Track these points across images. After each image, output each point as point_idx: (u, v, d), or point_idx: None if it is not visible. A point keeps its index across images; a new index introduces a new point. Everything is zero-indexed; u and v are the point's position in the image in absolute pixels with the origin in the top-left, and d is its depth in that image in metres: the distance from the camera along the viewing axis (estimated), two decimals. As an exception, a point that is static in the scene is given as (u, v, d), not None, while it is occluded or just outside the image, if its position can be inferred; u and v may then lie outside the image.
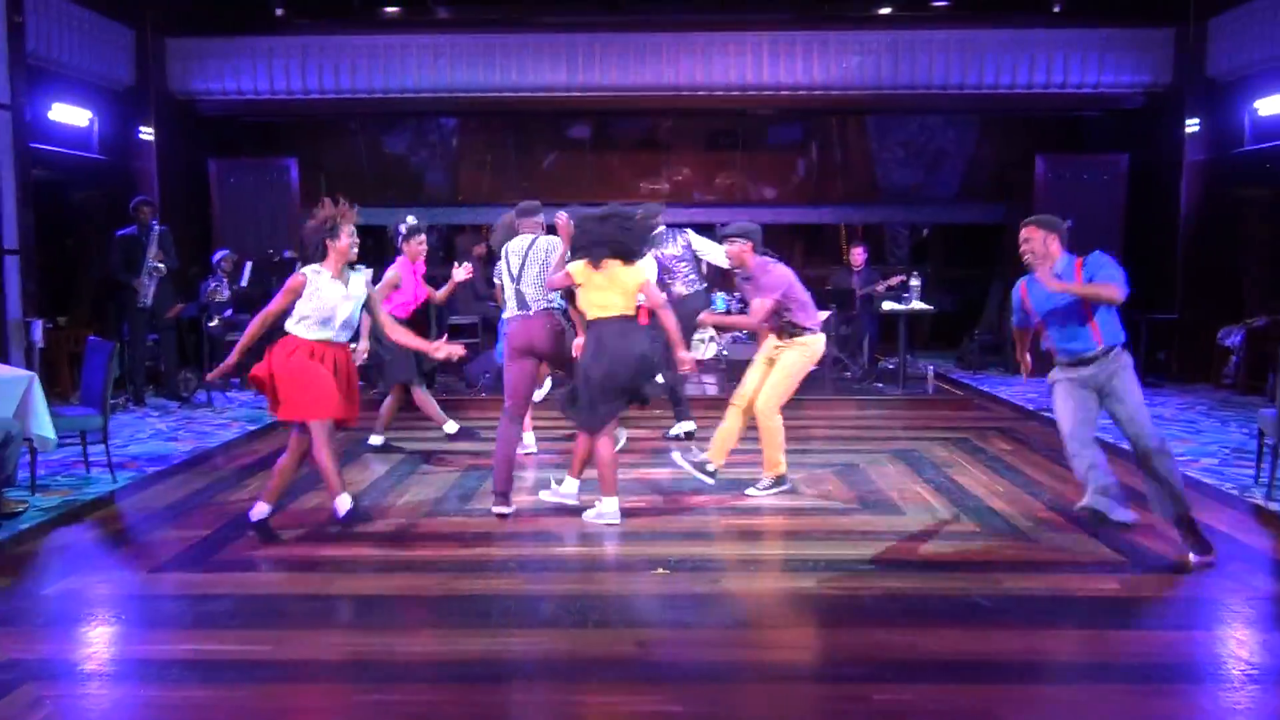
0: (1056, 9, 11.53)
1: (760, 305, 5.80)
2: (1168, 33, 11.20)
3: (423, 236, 7.35)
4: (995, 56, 11.34)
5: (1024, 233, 4.81)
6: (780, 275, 5.88)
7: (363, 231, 13.82)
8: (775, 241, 13.04)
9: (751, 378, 5.99)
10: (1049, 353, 4.90)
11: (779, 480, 5.96)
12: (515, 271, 5.67)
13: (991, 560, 4.78)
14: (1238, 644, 3.82)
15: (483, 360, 9.97)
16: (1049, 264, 4.71)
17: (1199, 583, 4.47)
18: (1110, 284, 4.56)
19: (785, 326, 5.89)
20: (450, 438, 7.34)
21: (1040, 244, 4.75)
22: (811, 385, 10.45)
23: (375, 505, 5.79)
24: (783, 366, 5.91)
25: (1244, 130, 10.54)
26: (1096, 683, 3.49)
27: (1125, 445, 4.78)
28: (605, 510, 5.33)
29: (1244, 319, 10.25)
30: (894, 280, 11.02)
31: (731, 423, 5.95)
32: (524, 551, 4.94)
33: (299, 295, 4.88)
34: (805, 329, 5.89)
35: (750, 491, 5.91)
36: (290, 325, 4.93)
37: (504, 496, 5.45)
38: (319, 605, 4.21)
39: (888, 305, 10.34)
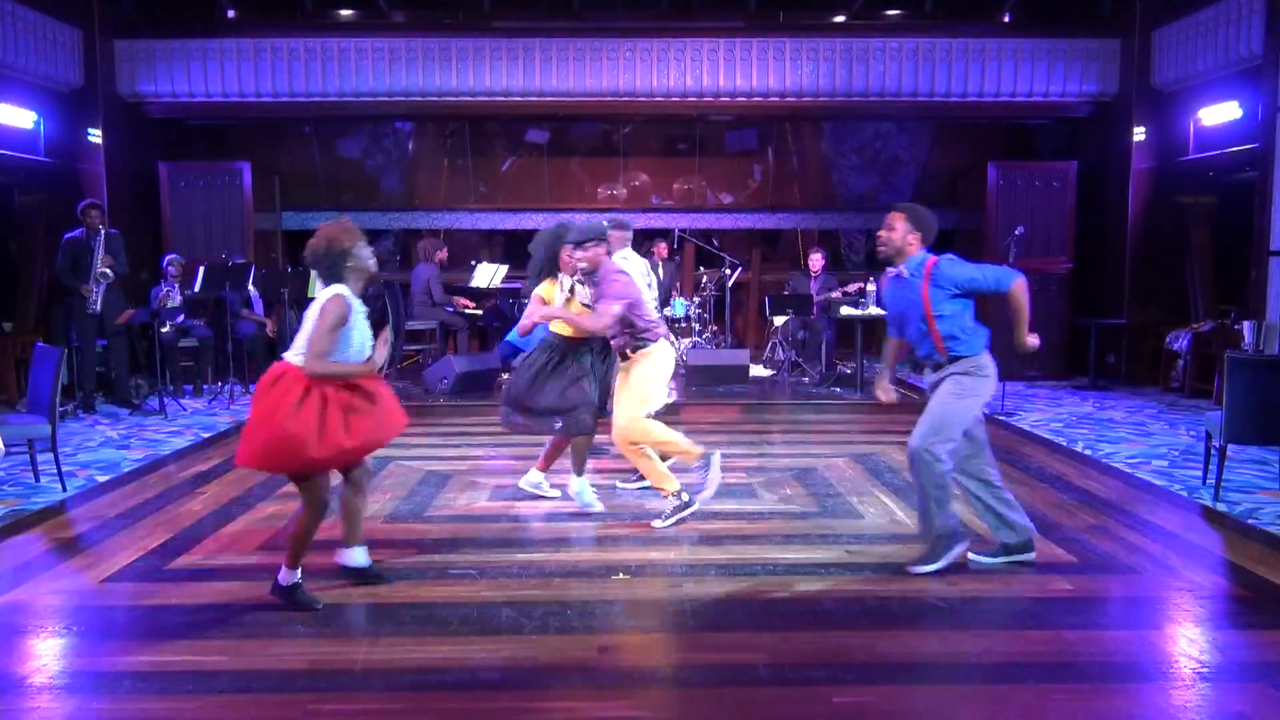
0: (1007, 20, 11.72)
1: (605, 309, 5.33)
2: (1114, 44, 11.44)
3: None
4: (947, 65, 11.51)
5: (890, 219, 4.68)
6: (625, 289, 5.42)
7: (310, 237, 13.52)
8: (734, 247, 13.15)
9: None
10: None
11: (681, 504, 5.47)
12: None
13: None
14: (1188, 642, 3.90)
15: (441, 365, 9.91)
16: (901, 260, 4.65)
17: (1150, 583, 4.56)
18: (1014, 286, 4.50)
19: (630, 341, 5.49)
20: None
21: (900, 238, 4.66)
22: (770, 390, 10.55)
23: (333, 512, 5.73)
24: (636, 377, 5.50)
25: (1188, 139, 10.79)
26: (1051, 682, 3.54)
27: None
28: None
29: (1191, 323, 10.47)
30: (851, 287, 11.15)
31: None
32: (484, 558, 4.91)
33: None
34: (648, 340, 5.50)
35: (655, 524, 5.43)
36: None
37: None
38: (275, 614, 4.16)
39: (845, 310, 10.43)
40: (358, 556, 4.55)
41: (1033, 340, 4.62)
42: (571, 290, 5.75)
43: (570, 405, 5.53)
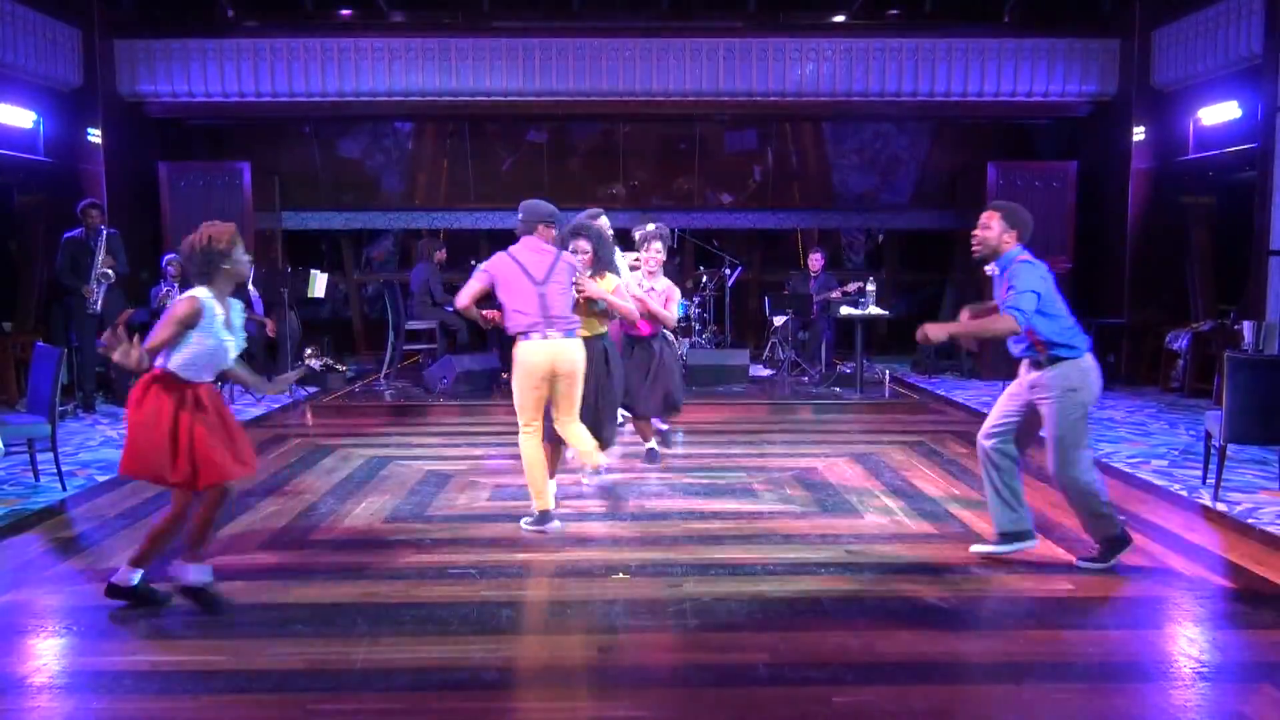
0: (1006, 20, 11.72)
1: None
2: (1114, 44, 11.45)
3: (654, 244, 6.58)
4: (947, 65, 11.52)
5: (985, 217, 4.66)
6: (488, 264, 5.32)
7: (315, 236, 13.62)
8: (734, 246, 13.15)
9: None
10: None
11: (536, 519, 5.34)
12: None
13: (948, 562, 4.84)
14: (1188, 642, 3.90)
15: (441, 365, 9.92)
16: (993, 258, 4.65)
17: (1150, 582, 4.56)
18: (1001, 317, 4.44)
19: None
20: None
21: (996, 237, 4.63)
22: (770, 389, 10.55)
23: (332, 512, 5.75)
24: None
25: (1188, 139, 10.79)
26: (1051, 681, 3.54)
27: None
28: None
29: (1190, 323, 10.47)
30: (851, 287, 11.15)
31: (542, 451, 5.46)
32: (483, 558, 4.91)
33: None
34: (514, 337, 5.28)
35: (523, 523, 5.39)
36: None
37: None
38: (275, 614, 4.16)
39: (844, 310, 10.44)
40: (197, 573, 4.23)
41: (934, 333, 4.57)
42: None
43: None
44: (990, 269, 4.73)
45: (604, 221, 6.48)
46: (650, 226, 6.78)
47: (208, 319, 4.08)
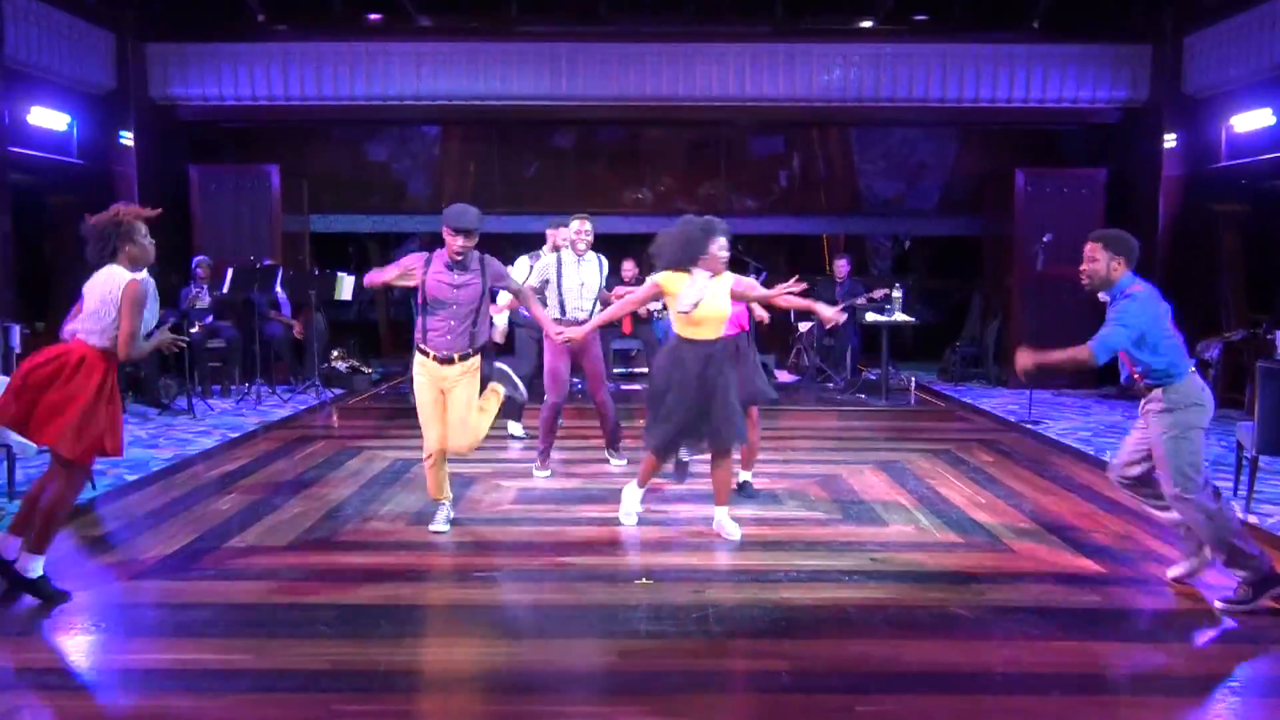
0: (1036, 25, 11.64)
1: None
2: (1145, 49, 11.33)
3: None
4: (975, 71, 11.44)
5: (1088, 250, 4.53)
6: None
7: (342, 239, 13.60)
8: (760, 252, 13.13)
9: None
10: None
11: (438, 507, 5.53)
12: None
13: (973, 571, 4.80)
14: (1218, 656, 3.86)
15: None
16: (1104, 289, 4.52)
17: (1179, 596, 4.51)
18: (1082, 347, 4.39)
19: None
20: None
21: (1104, 267, 4.48)
22: (795, 396, 10.52)
23: (358, 514, 5.78)
24: None
25: (1220, 146, 10.67)
26: (1077, 694, 3.50)
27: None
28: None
29: (1222, 332, 10.35)
30: (877, 294, 11.09)
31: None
32: (505, 562, 4.93)
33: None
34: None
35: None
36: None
37: None
38: (301, 614, 4.18)
39: (870, 317, 10.39)
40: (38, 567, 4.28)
41: (1022, 362, 4.58)
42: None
43: None
44: (1103, 297, 4.63)
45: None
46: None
47: (153, 295, 4.27)
